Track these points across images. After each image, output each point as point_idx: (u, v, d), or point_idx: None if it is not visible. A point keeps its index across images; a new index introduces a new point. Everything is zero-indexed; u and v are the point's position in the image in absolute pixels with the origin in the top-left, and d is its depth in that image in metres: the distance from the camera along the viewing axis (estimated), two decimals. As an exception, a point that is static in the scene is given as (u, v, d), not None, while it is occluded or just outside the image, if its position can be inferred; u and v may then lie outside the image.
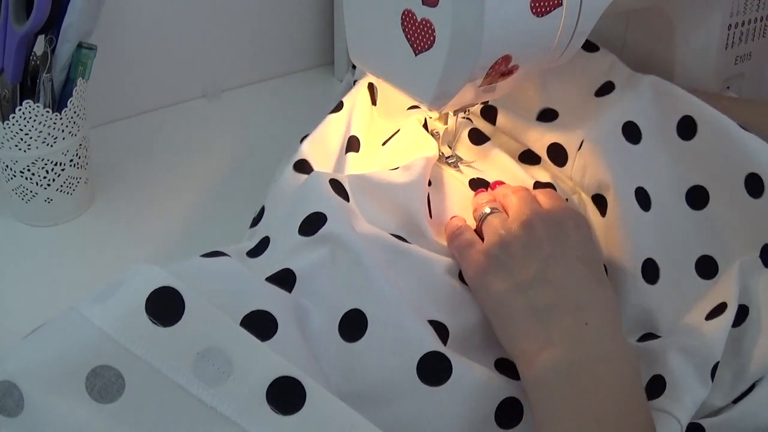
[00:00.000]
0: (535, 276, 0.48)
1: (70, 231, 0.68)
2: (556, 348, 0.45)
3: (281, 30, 0.91)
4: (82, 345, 0.40)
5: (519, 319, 0.47)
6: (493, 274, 0.50)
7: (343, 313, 0.47)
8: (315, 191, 0.52)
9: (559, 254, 0.49)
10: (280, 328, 0.44)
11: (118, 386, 0.40)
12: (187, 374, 0.41)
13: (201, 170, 0.77)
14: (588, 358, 0.45)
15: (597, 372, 0.44)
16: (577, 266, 0.49)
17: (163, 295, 0.41)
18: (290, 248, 0.50)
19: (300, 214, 0.50)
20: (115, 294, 0.42)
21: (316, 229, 0.49)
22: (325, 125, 0.62)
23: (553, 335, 0.46)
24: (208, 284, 0.44)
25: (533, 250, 0.49)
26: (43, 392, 0.39)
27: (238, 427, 0.40)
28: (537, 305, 0.47)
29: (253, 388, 0.41)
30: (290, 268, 0.48)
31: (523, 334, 0.47)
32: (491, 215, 0.53)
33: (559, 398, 0.44)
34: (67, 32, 0.62)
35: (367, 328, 0.46)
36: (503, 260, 0.50)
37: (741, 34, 0.67)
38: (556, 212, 0.52)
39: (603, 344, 0.45)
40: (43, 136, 0.63)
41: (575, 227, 0.51)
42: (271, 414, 0.41)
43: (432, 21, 0.49)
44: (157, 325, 0.41)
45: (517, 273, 0.49)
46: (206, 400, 0.40)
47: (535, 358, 0.45)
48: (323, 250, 0.49)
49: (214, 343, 0.41)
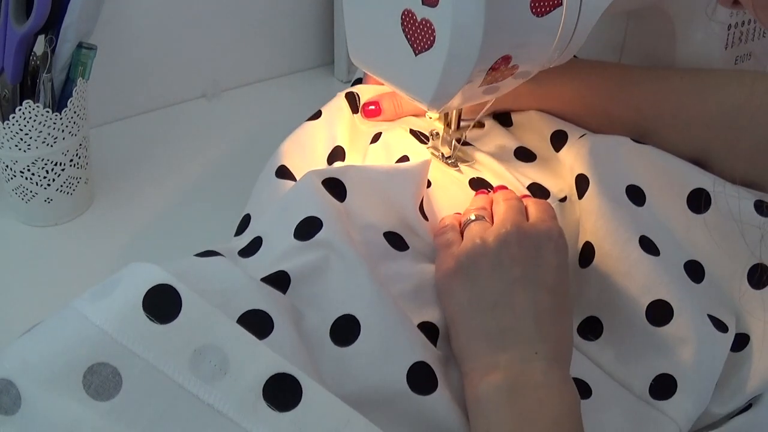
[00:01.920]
0: (498, 299, 0.48)
1: (70, 231, 0.68)
2: (500, 373, 0.45)
3: (281, 30, 0.91)
4: (79, 342, 0.40)
5: (472, 337, 0.48)
6: (458, 281, 0.49)
7: (336, 318, 0.47)
8: (309, 193, 0.51)
9: (528, 279, 0.48)
10: (276, 328, 0.44)
11: (115, 383, 0.40)
12: (183, 371, 0.41)
13: (201, 170, 0.77)
14: (530, 383, 0.45)
15: (537, 396, 0.44)
16: (542, 295, 0.48)
17: (160, 293, 0.41)
18: (284, 251, 0.49)
19: (294, 217, 0.50)
20: (112, 292, 0.42)
21: (311, 234, 0.49)
22: (305, 133, 0.63)
23: (500, 361, 0.46)
24: (204, 284, 0.44)
25: (502, 271, 0.49)
26: (41, 390, 0.39)
27: (234, 425, 0.40)
28: (492, 328, 0.47)
29: (249, 385, 0.41)
30: (285, 270, 0.48)
31: (472, 353, 0.47)
32: (474, 222, 0.53)
33: (496, 417, 0.44)
34: (67, 32, 0.62)
35: (359, 334, 0.46)
36: (471, 271, 0.49)
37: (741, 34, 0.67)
38: (538, 232, 0.51)
39: (548, 373, 0.45)
40: (43, 136, 0.63)
41: (553, 252, 0.50)
42: (268, 411, 0.41)
43: (432, 21, 0.49)
44: (154, 322, 0.41)
45: (480, 289, 0.49)
46: (203, 398, 0.40)
47: (479, 380, 0.46)
48: (318, 254, 0.49)
49: (211, 340, 0.41)
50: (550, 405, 0.44)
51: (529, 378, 0.45)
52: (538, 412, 0.44)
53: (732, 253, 0.55)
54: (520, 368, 0.45)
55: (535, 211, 0.54)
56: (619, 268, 0.54)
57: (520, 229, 0.50)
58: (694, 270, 0.56)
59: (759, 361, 0.53)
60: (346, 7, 0.57)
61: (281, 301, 0.47)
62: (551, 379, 0.45)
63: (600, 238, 0.55)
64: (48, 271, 0.64)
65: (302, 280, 0.48)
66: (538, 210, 0.54)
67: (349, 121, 0.64)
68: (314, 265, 0.48)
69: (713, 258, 0.56)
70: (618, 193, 0.57)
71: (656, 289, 0.52)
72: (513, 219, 0.51)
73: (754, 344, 0.54)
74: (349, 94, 0.66)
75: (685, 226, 0.57)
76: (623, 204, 0.56)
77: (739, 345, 0.54)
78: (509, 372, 0.45)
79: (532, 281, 0.48)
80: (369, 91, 0.66)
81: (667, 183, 0.58)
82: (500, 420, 0.44)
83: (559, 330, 0.48)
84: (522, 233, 0.50)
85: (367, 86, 0.68)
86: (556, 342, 0.47)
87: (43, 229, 0.68)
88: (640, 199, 0.57)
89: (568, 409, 0.45)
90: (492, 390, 0.45)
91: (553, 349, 0.47)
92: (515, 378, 0.45)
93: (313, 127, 0.63)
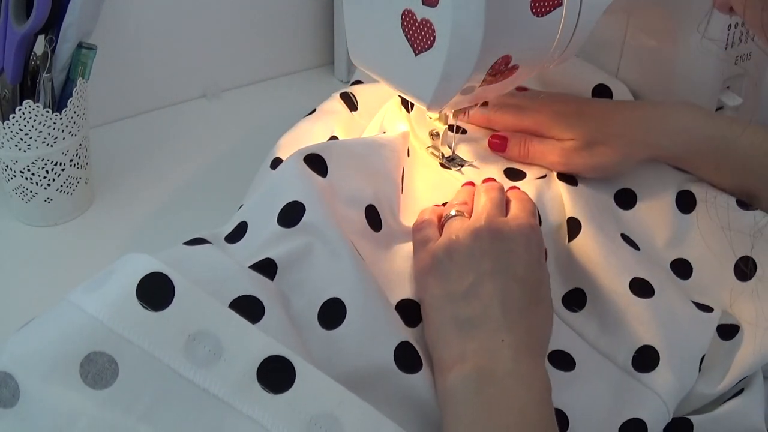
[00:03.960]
0: (468, 289, 0.48)
1: (70, 231, 0.68)
2: (468, 363, 0.46)
3: (281, 30, 0.91)
4: (76, 332, 0.41)
5: (442, 327, 0.48)
6: (433, 277, 0.50)
7: (323, 302, 0.48)
8: (292, 177, 0.52)
9: (498, 272, 0.49)
10: (267, 312, 0.45)
11: (112, 371, 0.40)
12: (178, 357, 0.41)
13: (201, 170, 0.77)
14: (497, 372, 0.45)
15: (505, 385, 0.45)
16: (511, 286, 0.49)
17: (153, 281, 0.42)
18: (269, 238, 0.50)
19: (278, 203, 0.51)
20: (106, 282, 0.42)
21: (295, 221, 0.50)
22: (301, 128, 0.64)
23: (467, 350, 0.46)
24: (195, 273, 0.45)
25: (473, 263, 0.49)
26: (39, 381, 0.40)
27: (230, 408, 0.41)
28: (460, 317, 0.48)
29: (243, 368, 0.42)
30: (271, 258, 0.49)
31: (442, 344, 0.48)
32: (453, 219, 0.54)
33: (465, 407, 0.44)
34: (67, 32, 0.62)
35: (345, 316, 0.47)
36: (445, 265, 0.50)
37: (741, 34, 0.67)
38: (511, 228, 0.51)
39: (516, 361, 0.46)
40: (43, 136, 0.63)
41: (524, 246, 0.51)
42: (263, 393, 0.42)
43: (432, 21, 0.49)
44: (148, 310, 0.42)
45: (452, 282, 0.49)
46: (198, 382, 0.41)
47: (448, 370, 0.46)
48: (302, 240, 0.50)
49: (204, 326, 0.42)
50: (517, 394, 0.44)
51: (497, 367, 0.45)
52: (504, 401, 0.44)
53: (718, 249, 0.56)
54: (487, 357, 0.46)
55: (515, 207, 0.55)
56: (606, 244, 0.55)
57: (493, 225, 0.51)
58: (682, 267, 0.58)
59: (749, 344, 0.53)
60: (346, 7, 0.57)
61: (270, 287, 0.48)
62: (519, 368, 0.45)
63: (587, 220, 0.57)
64: (48, 271, 0.64)
65: (288, 266, 0.49)
66: (517, 206, 0.55)
67: (345, 118, 0.65)
68: (299, 251, 0.49)
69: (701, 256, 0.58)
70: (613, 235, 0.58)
71: (638, 267, 0.54)
72: (489, 214, 0.52)
73: (746, 331, 0.54)
74: (344, 94, 0.66)
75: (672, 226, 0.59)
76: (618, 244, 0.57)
77: (730, 334, 0.54)
78: (476, 361, 0.45)
79: (501, 273, 0.49)
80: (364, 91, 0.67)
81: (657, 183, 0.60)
82: (468, 410, 0.44)
83: (530, 320, 0.48)
84: (495, 228, 0.51)
85: (363, 86, 0.68)
86: (526, 332, 0.47)
87: (43, 229, 0.68)
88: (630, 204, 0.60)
89: (536, 398, 0.45)
90: (460, 380, 0.45)
91: (522, 339, 0.47)
92: (482, 367, 0.45)
93: (309, 121, 0.65)
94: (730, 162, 0.59)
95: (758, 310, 0.54)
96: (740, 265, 0.56)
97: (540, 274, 0.51)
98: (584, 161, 0.60)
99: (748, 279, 0.56)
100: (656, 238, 0.59)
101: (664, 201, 0.60)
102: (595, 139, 0.60)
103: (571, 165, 0.61)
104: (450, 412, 0.45)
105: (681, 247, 0.59)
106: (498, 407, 0.44)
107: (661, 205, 0.60)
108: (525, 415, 0.44)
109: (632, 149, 0.60)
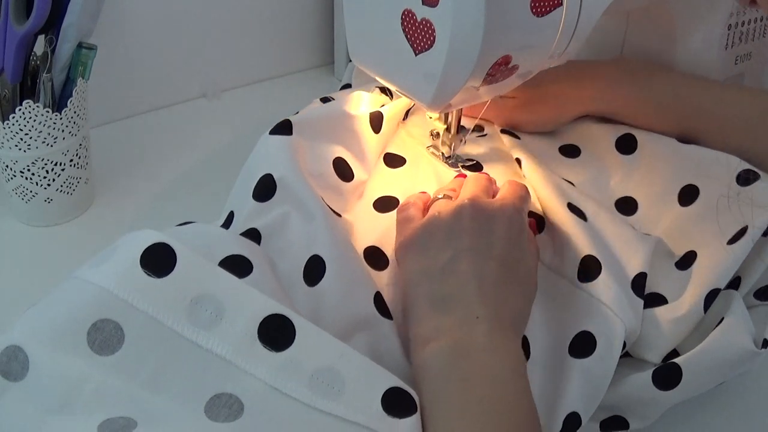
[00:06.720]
0: (445, 265, 0.49)
1: (70, 231, 0.68)
2: (443, 338, 0.46)
3: (281, 30, 0.91)
4: (83, 302, 0.42)
5: (419, 303, 0.49)
6: (413, 253, 0.51)
7: (305, 261, 0.50)
8: (260, 151, 0.56)
9: (476, 250, 0.50)
10: (255, 269, 0.47)
11: (118, 338, 0.42)
12: (182, 321, 0.43)
13: (201, 170, 0.77)
14: (471, 346, 0.46)
15: (479, 358, 0.45)
16: (489, 264, 0.49)
17: (156, 251, 0.44)
18: (248, 215, 0.53)
19: (251, 181, 0.54)
20: (111, 257, 0.44)
21: (269, 194, 0.53)
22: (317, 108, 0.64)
23: (443, 325, 0.47)
24: (187, 243, 0.46)
25: (453, 240, 0.50)
26: (47, 350, 0.41)
27: (233, 366, 0.42)
28: (437, 294, 0.48)
29: (244, 328, 0.43)
30: (255, 227, 0.52)
31: (419, 319, 0.48)
32: (439, 200, 0.55)
33: (441, 381, 0.45)
34: (67, 32, 0.62)
35: (325, 271, 0.49)
36: (425, 242, 0.51)
37: (741, 34, 0.67)
38: (492, 206, 0.52)
39: (490, 336, 0.46)
40: (43, 136, 0.63)
41: (505, 225, 0.51)
42: (264, 351, 0.43)
43: (432, 21, 0.49)
44: (151, 276, 0.43)
45: (431, 258, 0.50)
46: (201, 343, 0.43)
47: (424, 345, 0.47)
48: (278, 211, 0.52)
49: (206, 289, 0.44)
50: (491, 367, 0.45)
51: (471, 341, 0.46)
52: (479, 374, 0.45)
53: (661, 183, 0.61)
54: (462, 332, 0.46)
55: (504, 190, 0.56)
56: (547, 175, 0.60)
57: (475, 203, 0.52)
58: (626, 205, 0.61)
59: (704, 263, 0.54)
60: (346, 7, 0.57)
61: (256, 249, 0.50)
62: (493, 342, 0.46)
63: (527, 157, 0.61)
64: (48, 271, 0.64)
65: (269, 236, 0.52)
66: (507, 189, 0.56)
67: None
68: (277, 222, 0.52)
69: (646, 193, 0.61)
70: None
71: (574, 194, 0.58)
72: (472, 194, 0.53)
73: (699, 253, 0.55)
74: (324, 99, 0.65)
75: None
76: None
77: (686, 264, 0.56)
78: (451, 336, 0.46)
79: (479, 251, 0.50)
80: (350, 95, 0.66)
81: None
82: (443, 384, 0.45)
83: (506, 297, 0.49)
84: (476, 207, 0.52)
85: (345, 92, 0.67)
86: (501, 308, 0.48)
87: (43, 229, 0.68)
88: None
89: (510, 371, 0.45)
90: (435, 355, 0.46)
91: (497, 314, 0.47)
92: (457, 341, 0.46)
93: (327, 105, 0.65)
94: (663, 109, 0.63)
95: (704, 232, 0.56)
96: (684, 193, 0.59)
97: (519, 254, 0.51)
98: (524, 117, 0.67)
99: (691, 205, 0.59)
100: (601, 181, 0.63)
101: (605, 146, 0.64)
102: (533, 97, 0.66)
103: (511, 120, 0.67)
104: (426, 386, 0.45)
105: (627, 186, 0.62)
106: (473, 380, 0.44)
107: (602, 150, 0.65)
108: (499, 388, 0.44)
109: (566, 106, 0.66)
